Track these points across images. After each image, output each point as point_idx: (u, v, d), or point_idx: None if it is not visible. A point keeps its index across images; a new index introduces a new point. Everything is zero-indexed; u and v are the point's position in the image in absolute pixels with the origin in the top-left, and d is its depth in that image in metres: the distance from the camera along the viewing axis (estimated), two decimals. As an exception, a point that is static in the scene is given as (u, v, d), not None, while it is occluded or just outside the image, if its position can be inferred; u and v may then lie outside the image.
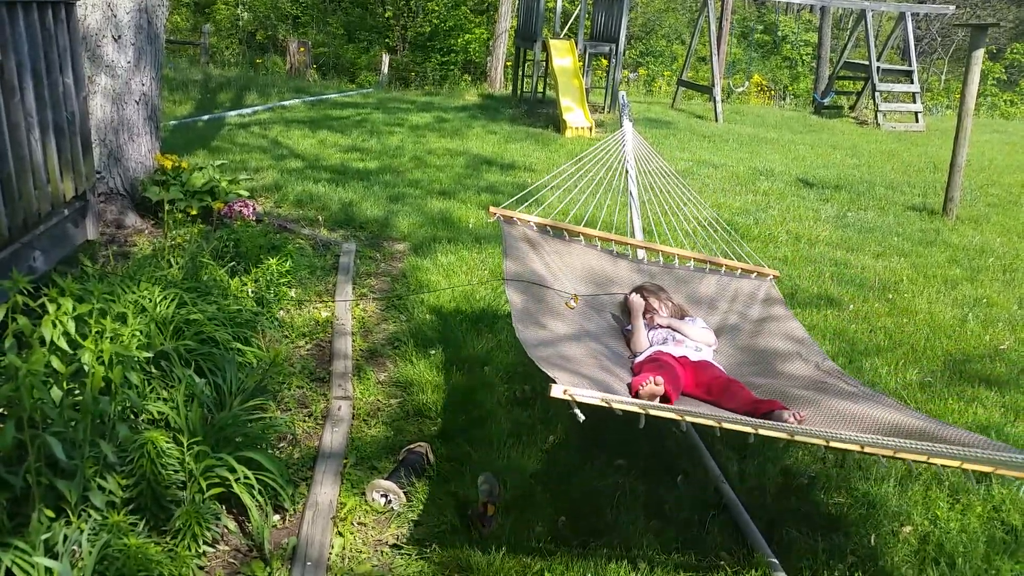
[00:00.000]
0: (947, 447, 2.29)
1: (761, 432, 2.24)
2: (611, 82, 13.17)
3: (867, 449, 2.23)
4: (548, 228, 3.72)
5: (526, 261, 3.50)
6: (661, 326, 3.46)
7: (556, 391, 2.18)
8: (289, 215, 6.27)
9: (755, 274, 3.90)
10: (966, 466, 2.22)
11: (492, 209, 3.66)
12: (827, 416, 2.78)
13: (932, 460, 2.26)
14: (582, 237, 3.80)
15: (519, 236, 3.61)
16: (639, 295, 3.55)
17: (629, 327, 3.50)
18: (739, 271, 3.90)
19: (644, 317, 3.51)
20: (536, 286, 3.35)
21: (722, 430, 2.28)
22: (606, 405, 2.21)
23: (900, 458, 2.27)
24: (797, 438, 2.27)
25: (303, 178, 7.33)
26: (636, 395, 2.78)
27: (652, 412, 2.24)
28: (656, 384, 2.79)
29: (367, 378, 3.79)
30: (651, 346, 3.36)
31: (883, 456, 2.25)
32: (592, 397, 2.21)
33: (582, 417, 2.21)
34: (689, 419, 2.27)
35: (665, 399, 2.83)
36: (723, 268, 3.90)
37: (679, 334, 3.40)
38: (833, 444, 2.27)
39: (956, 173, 7.69)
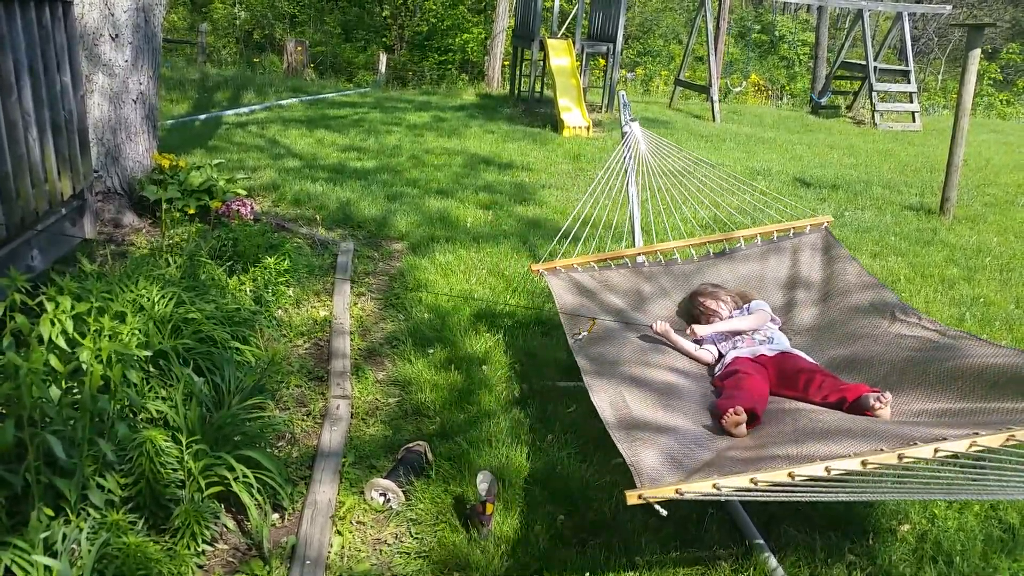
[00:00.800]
0: None
1: (870, 467, 2.12)
2: (609, 82, 13.18)
3: (980, 441, 2.14)
4: (593, 264, 3.75)
5: (580, 311, 3.52)
6: (718, 333, 3.42)
7: (632, 499, 2.09)
8: (287, 214, 6.27)
9: (808, 227, 3.87)
10: None
11: (534, 267, 3.78)
12: (919, 388, 2.79)
13: None
14: (626, 260, 3.82)
15: (565, 286, 3.66)
16: (693, 307, 3.57)
17: (697, 340, 3.45)
18: (791, 231, 3.88)
19: (708, 321, 3.49)
20: (596, 339, 3.31)
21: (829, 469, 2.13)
22: (679, 497, 2.10)
23: (1016, 442, 2.16)
24: (906, 456, 2.13)
25: (301, 177, 7.33)
26: (724, 428, 2.68)
27: (725, 490, 2.09)
28: (737, 414, 2.65)
29: (365, 377, 3.79)
30: (722, 357, 3.35)
31: (997, 446, 2.15)
32: (664, 495, 2.09)
33: (664, 512, 2.13)
34: (763, 483, 2.11)
35: (753, 415, 2.73)
36: (775, 234, 3.88)
37: (736, 335, 3.39)
38: (942, 450, 2.15)
39: (953, 173, 7.70)
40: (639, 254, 3.90)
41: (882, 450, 2.18)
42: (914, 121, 15.18)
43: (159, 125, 5.88)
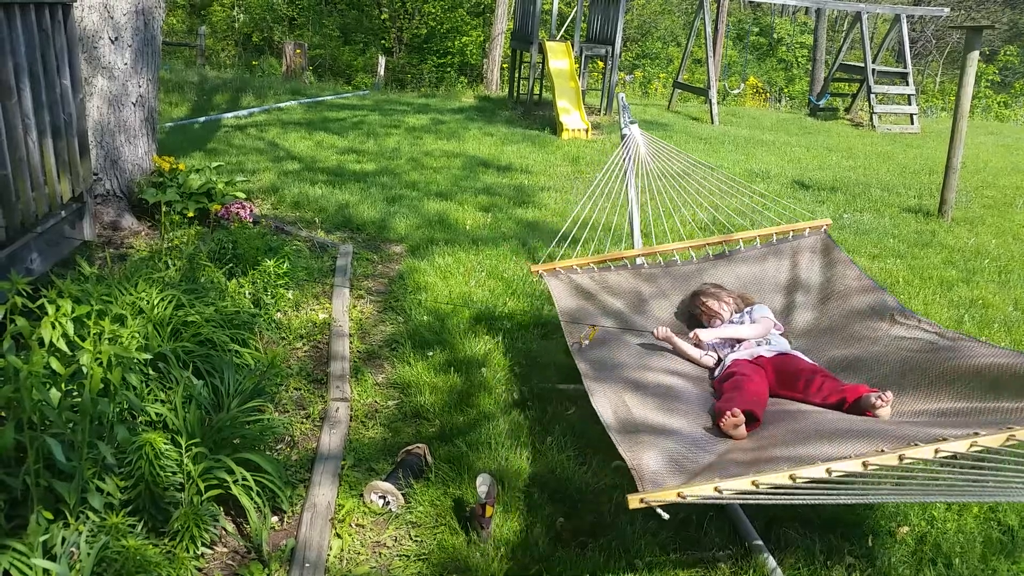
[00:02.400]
0: None
1: (871, 468, 2.11)
2: (607, 84, 13.19)
3: (980, 441, 2.14)
4: (592, 265, 3.75)
5: (580, 315, 3.52)
6: (720, 340, 3.42)
7: (633, 502, 2.09)
8: (286, 217, 6.27)
9: (807, 230, 3.88)
10: None
11: (533, 268, 3.80)
12: (919, 389, 2.79)
13: None
14: (626, 262, 3.82)
15: (565, 288, 3.66)
16: (694, 307, 3.58)
17: (698, 344, 3.45)
18: (791, 233, 3.89)
19: (710, 324, 3.50)
20: (596, 343, 3.32)
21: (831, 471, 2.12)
22: (682, 500, 2.09)
23: (1016, 442, 2.16)
24: (907, 456, 2.12)
25: (300, 180, 7.33)
26: (722, 430, 2.68)
27: (727, 494, 2.09)
28: (735, 416, 2.65)
29: (365, 380, 3.80)
30: (721, 360, 3.35)
31: (997, 446, 2.14)
32: (666, 499, 2.08)
33: (666, 516, 2.13)
34: (763, 484, 2.09)
35: (753, 417, 2.73)
36: (774, 236, 3.89)
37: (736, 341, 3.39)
38: (943, 450, 2.15)
39: (951, 175, 7.71)
40: (638, 255, 3.90)
41: (883, 451, 2.18)
42: (912, 123, 15.20)
43: (158, 128, 5.88)
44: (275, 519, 2.77)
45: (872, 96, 15.06)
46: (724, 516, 2.90)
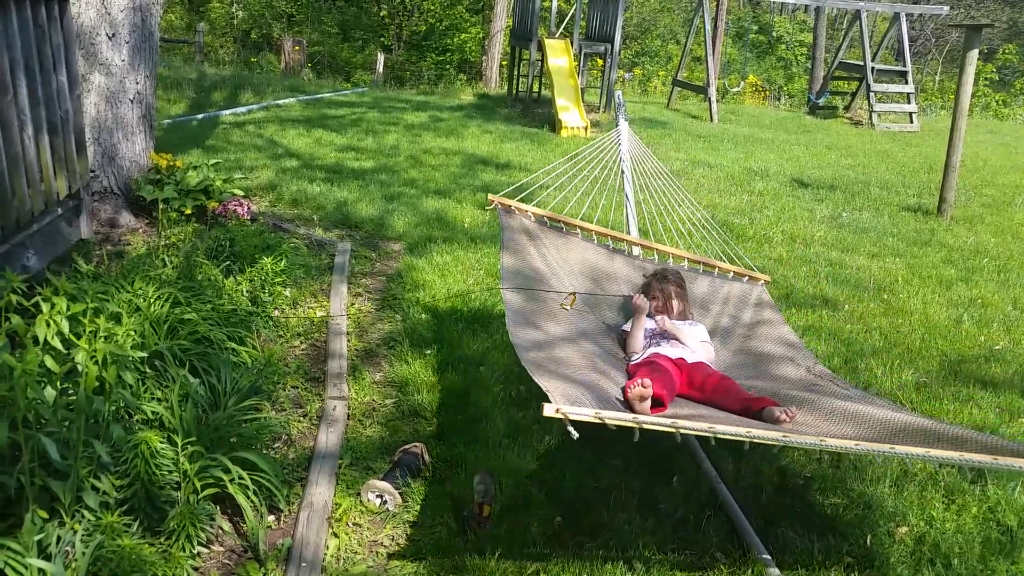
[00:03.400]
0: (944, 444, 2.29)
1: (755, 439, 2.23)
2: (606, 82, 13.18)
3: (862, 445, 2.23)
4: (546, 219, 3.72)
5: (524, 256, 3.50)
6: (664, 329, 3.41)
7: (548, 410, 2.15)
8: (284, 214, 6.26)
9: (747, 278, 3.90)
10: (966, 455, 2.20)
11: (491, 197, 3.69)
12: (820, 414, 2.79)
13: (931, 452, 2.25)
14: (579, 231, 3.80)
15: (518, 227, 3.61)
16: (648, 294, 3.53)
17: (626, 327, 3.48)
18: (731, 274, 3.90)
19: (653, 309, 3.49)
20: (533, 284, 3.34)
21: (717, 439, 2.25)
22: (599, 421, 2.18)
23: (897, 454, 2.25)
24: (791, 440, 2.26)
25: (298, 177, 7.31)
26: (626, 398, 2.76)
27: (646, 426, 2.22)
28: (644, 387, 2.73)
29: (362, 378, 3.79)
30: (647, 348, 3.35)
31: (879, 452, 2.24)
32: (584, 414, 2.18)
33: (576, 435, 2.17)
34: (684, 431, 2.24)
35: (659, 402, 2.81)
36: (716, 270, 3.90)
37: (677, 340, 3.38)
38: (828, 442, 2.26)
39: (951, 174, 7.71)
40: (595, 231, 3.83)
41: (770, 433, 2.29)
42: (912, 122, 15.20)
43: (156, 125, 5.86)
44: (272, 518, 2.76)
45: (871, 94, 15.05)
46: (722, 516, 2.89)
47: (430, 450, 3.16)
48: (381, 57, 20.20)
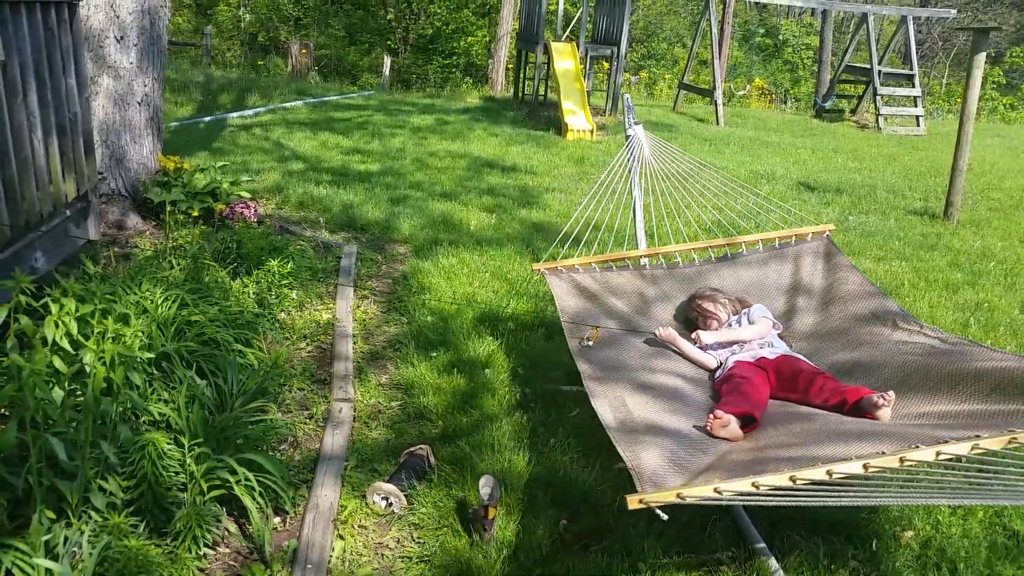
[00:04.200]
0: None
1: (871, 469, 2.09)
2: (613, 85, 13.18)
3: (982, 444, 2.12)
4: (593, 265, 3.74)
5: (581, 315, 3.52)
6: (720, 343, 3.40)
7: (632, 503, 2.07)
8: (291, 217, 6.27)
9: (810, 235, 3.87)
10: None
11: (535, 267, 3.79)
12: (920, 390, 2.78)
13: None
14: (628, 262, 3.82)
15: (568, 288, 3.65)
16: (694, 304, 3.57)
17: (699, 345, 3.44)
18: (793, 239, 3.87)
19: (707, 325, 3.49)
20: (596, 344, 3.31)
21: (831, 473, 2.09)
22: (682, 501, 2.08)
23: (1017, 444, 2.14)
24: (908, 460, 2.10)
25: (305, 180, 7.33)
26: (711, 436, 2.66)
27: (727, 494, 2.06)
28: (718, 419, 2.65)
29: (368, 380, 3.79)
30: (721, 364, 3.34)
31: (999, 448, 2.13)
32: (665, 500, 2.07)
33: (665, 517, 2.10)
34: (765, 490, 2.08)
35: (750, 419, 2.73)
36: (777, 241, 3.88)
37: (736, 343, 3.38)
38: (944, 453, 2.13)
39: (957, 177, 7.68)
40: (641, 256, 3.89)
41: (883, 453, 2.17)
42: (918, 125, 15.16)
43: (163, 127, 5.89)
44: (277, 520, 2.76)
45: (878, 98, 15.02)
46: (728, 519, 2.89)
47: (435, 452, 3.16)
48: (387, 60, 20.25)
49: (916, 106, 15.50)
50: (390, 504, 2.85)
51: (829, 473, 2.09)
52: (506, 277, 5.18)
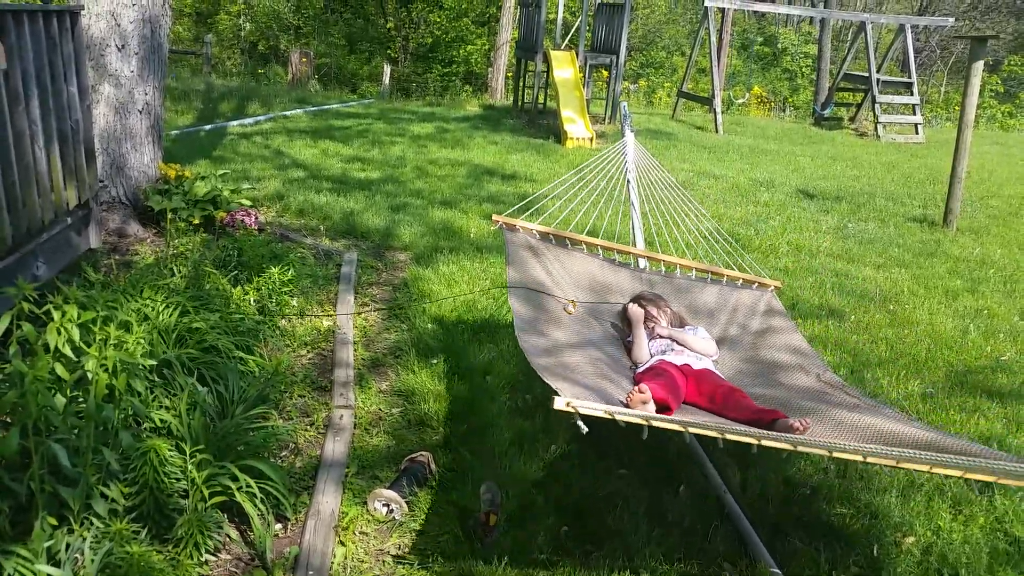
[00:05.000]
0: (951, 457, 2.29)
1: (765, 443, 2.22)
2: (612, 93, 13.22)
3: (870, 459, 2.22)
4: (550, 236, 3.74)
5: (528, 269, 3.52)
6: (662, 336, 3.45)
7: (559, 403, 2.17)
8: (291, 224, 6.28)
9: (756, 284, 3.90)
10: (969, 475, 2.20)
11: (495, 217, 3.72)
12: (830, 426, 2.78)
13: (935, 469, 2.25)
14: (584, 245, 3.82)
15: (521, 244, 3.63)
16: (637, 304, 3.56)
17: (630, 338, 3.49)
18: (740, 281, 3.90)
19: (645, 326, 3.51)
20: (538, 294, 3.37)
21: (725, 441, 2.25)
22: (609, 416, 2.20)
23: (903, 467, 2.24)
24: (800, 448, 2.25)
25: (305, 188, 7.35)
26: (629, 404, 2.75)
27: (655, 423, 2.23)
28: (642, 392, 2.73)
29: (369, 387, 3.80)
30: (652, 356, 3.36)
31: (886, 465, 2.24)
32: (595, 409, 2.20)
33: (585, 429, 2.21)
34: (692, 430, 2.26)
35: (665, 408, 2.81)
36: (724, 278, 3.91)
37: (679, 344, 3.40)
38: (836, 454, 2.26)
39: (956, 184, 7.71)
40: (600, 245, 3.85)
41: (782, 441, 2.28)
42: (917, 133, 15.20)
43: (164, 135, 5.91)
44: (279, 526, 2.76)
45: (876, 106, 15.06)
46: (729, 525, 2.89)
47: (436, 459, 3.16)
48: (387, 69, 20.30)
49: (915, 114, 15.55)
50: (391, 511, 2.85)
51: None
52: (506, 284, 5.18)
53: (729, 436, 2.22)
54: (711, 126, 14.63)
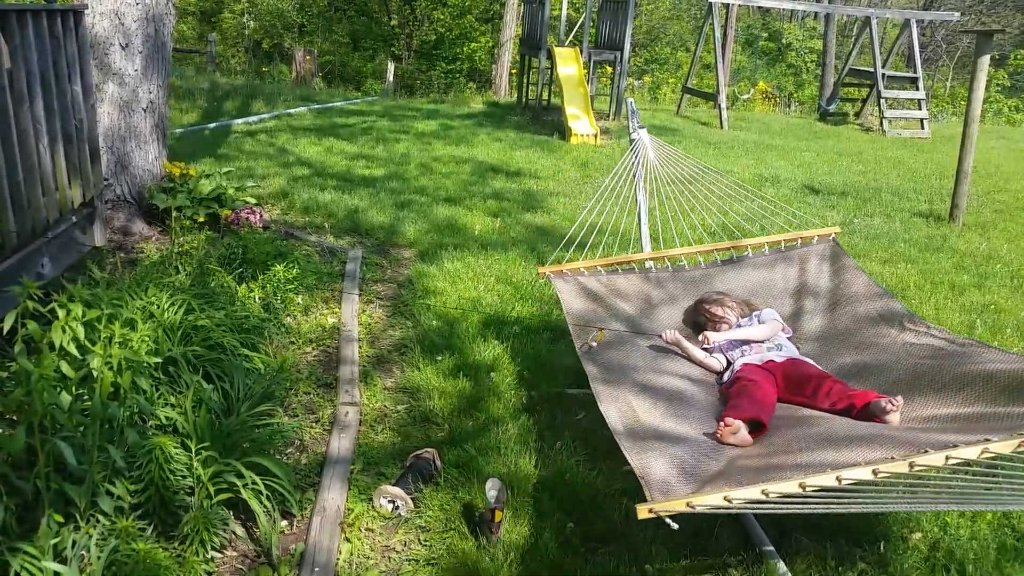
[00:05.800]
0: None
1: (881, 476, 2.09)
2: (616, 89, 13.19)
3: (992, 448, 2.11)
4: (599, 268, 3.74)
5: (587, 319, 3.52)
6: (720, 346, 3.41)
7: (642, 513, 2.07)
8: (296, 222, 6.29)
9: (815, 238, 3.86)
10: None
11: (541, 270, 3.80)
12: (928, 393, 2.77)
13: None
14: (633, 266, 3.82)
15: (573, 291, 3.66)
16: (698, 311, 3.57)
17: (707, 348, 3.44)
18: (798, 241, 3.87)
19: (713, 328, 3.49)
20: (605, 350, 3.30)
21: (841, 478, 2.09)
22: (691, 511, 2.07)
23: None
24: (917, 464, 2.10)
25: (310, 185, 7.35)
26: (721, 443, 2.64)
27: (736, 502, 2.06)
28: (728, 425, 2.63)
29: (374, 384, 3.80)
30: (730, 365, 3.34)
31: (1009, 452, 2.12)
32: (675, 509, 2.06)
33: (675, 526, 2.10)
34: (774, 498, 2.07)
35: (758, 424, 2.71)
36: (782, 244, 3.88)
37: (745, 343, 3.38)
38: (953, 457, 2.12)
39: (962, 179, 7.67)
40: (647, 259, 3.90)
41: (893, 458, 2.16)
42: (923, 128, 15.14)
43: (169, 134, 5.91)
44: (284, 523, 2.77)
45: (882, 101, 15.00)
46: (736, 522, 2.88)
47: (442, 456, 3.16)
48: (391, 66, 20.29)
49: (920, 109, 15.48)
50: (397, 507, 2.85)
51: (839, 479, 2.08)
52: (511, 281, 5.19)
53: (845, 478, 2.08)
54: (716, 122, 14.59)
